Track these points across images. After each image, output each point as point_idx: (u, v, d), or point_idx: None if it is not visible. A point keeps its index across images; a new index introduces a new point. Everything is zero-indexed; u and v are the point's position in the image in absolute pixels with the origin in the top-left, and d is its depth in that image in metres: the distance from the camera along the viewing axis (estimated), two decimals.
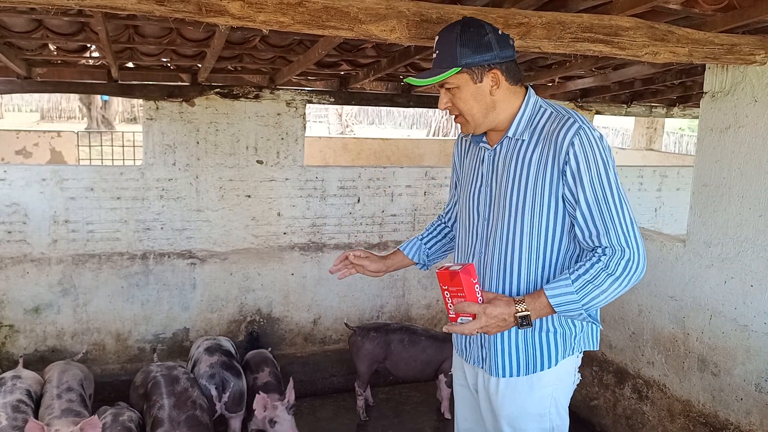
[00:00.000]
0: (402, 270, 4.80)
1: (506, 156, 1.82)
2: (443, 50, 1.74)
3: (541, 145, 1.74)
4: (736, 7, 2.38)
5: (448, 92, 1.78)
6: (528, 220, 1.77)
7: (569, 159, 1.68)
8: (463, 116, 1.81)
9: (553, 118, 1.75)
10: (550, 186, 1.74)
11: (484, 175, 1.90)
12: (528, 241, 1.79)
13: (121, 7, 1.78)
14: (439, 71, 1.72)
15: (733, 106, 2.82)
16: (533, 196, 1.76)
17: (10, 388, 3.11)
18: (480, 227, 1.90)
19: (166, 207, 4.25)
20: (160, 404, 3.09)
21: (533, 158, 1.76)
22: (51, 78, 3.98)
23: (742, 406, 2.81)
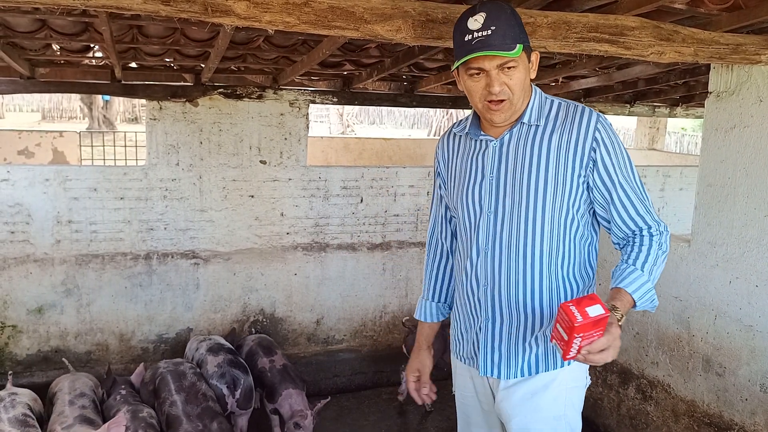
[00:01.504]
0: (405, 270, 4.85)
1: (518, 144, 1.75)
2: (503, 27, 1.59)
3: (560, 130, 1.71)
4: (742, 7, 2.37)
5: (505, 72, 1.63)
6: (549, 206, 1.71)
7: (598, 144, 1.67)
8: (510, 100, 1.67)
9: (565, 107, 1.74)
10: (572, 171, 1.69)
11: (485, 168, 1.79)
12: (549, 229, 1.72)
13: (126, 7, 1.77)
14: (510, 47, 1.59)
15: (738, 106, 2.82)
16: (555, 182, 1.70)
17: (10, 403, 3.03)
18: (483, 221, 1.79)
19: (169, 207, 4.25)
20: (171, 401, 3.10)
21: (552, 143, 1.70)
22: (54, 78, 3.98)
23: (746, 407, 2.80)
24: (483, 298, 1.81)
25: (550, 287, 1.76)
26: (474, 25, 1.60)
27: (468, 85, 1.69)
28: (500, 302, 1.79)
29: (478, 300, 1.83)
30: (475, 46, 1.59)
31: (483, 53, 1.58)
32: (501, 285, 1.78)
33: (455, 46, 1.67)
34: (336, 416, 4.19)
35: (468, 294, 1.86)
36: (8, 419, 2.91)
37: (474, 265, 1.82)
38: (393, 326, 4.88)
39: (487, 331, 1.82)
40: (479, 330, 1.84)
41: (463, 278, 1.88)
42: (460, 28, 1.64)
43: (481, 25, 1.60)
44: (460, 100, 5.03)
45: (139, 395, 3.39)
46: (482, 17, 1.61)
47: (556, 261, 1.74)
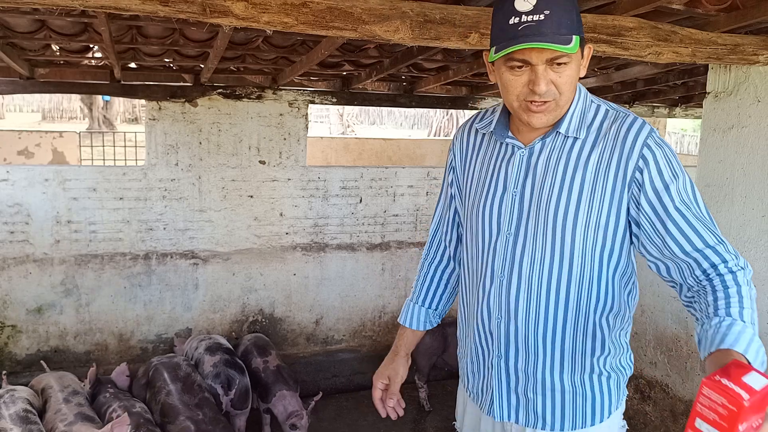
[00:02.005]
0: (404, 270, 4.85)
1: (550, 157, 1.44)
2: (558, 10, 1.28)
3: (602, 145, 1.40)
4: (740, 8, 2.37)
5: (554, 68, 1.33)
6: (581, 238, 1.40)
7: (646, 163, 1.35)
8: (556, 101, 1.37)
9: (612, 116, 1.43)
10: (612, 195, 1.38)
11: (509, 180, 1.49)
12: (580, 263, 1.42)
13: (125, 8, 1.78)
14: (565, 38, 1.28)
15: (736, 107, 2.82)
16: (589, 209, 1.39)
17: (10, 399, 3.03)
18: (501, 243, 1.49)
19: (168, 207, 4.26)
20: (166, 390, 3.09)
21: (591, 160, 1.40)
22: (53, 78, 3.98)
23: None
24: (496, 332, 1.53)
25: (576, 329, 1.46)
26: (523, 6, 1.29)
27: (505, 78, 1.37)
28: (516, 338, 1.50)
29: (489, 332, 1.55)
30: (522, 32, 1.28)
31: (533, 45, 1.27)
32: (518, 320, 1.48)
33: (494, 29, 1.36)
34: (335, 416, 4.19)
35: (478, 323, 1.57)
36: (9, 416, 2.90)
37: (486, 293, 1.53)
38: (392, 326, 4.88)
39: (500, 369, 1.54)
40: (491, 366, 1.57)
41: (473, 303, 1.60)
42: (505, 8, 1.32)
43: (532, 6, 1.28)
44: (459, 101, 5.03)
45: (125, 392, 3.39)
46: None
47: (587, 301, 1.45)
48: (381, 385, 1.75)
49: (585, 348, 1.47)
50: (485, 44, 2.13)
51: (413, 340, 1.82)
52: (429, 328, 1.82)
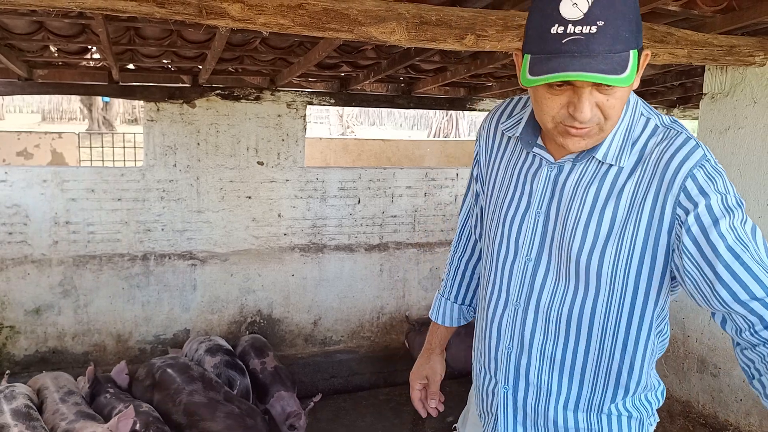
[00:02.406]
0: (402, 271, 4.86)
1: (580, 180, 1.22)
2: (614, 19, 1.00)
3: (639, 171, 1.16)
4: (735, 9, 2.38)
5: (603, 90, 1.07)
6: (607, 275, 1.19)
7: (690, 199, 1.11)
8: (600, 126, 1.12)
9: (660, 135, 1.18)
10: (646, 233, 1.15)
11: (533, 196, 1.29)
12: (605, 303, 1.22)
13: (121, 10, 1.78)
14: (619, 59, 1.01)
15: (732, 108, 2.83)
16: (618, 245, 1.17)
17: (11, 394, 3.04)
18: (518, 267, 1.32)
19: (166, 208, 4.26)
20: (188, 390, 3.10)
21: (626, 190, 1.17)
22: (52, 79, 3.99)
23: (741, 407, 2.81)
24: (504, 361, 1.36)
25: (598, 370, 1.27)
26: (570, 12, 1.01)
27: (540, 95, 1.12)
28: (527, 372, 1.33)
29: (494, 359, 1.39)
30: (567, 48, 1.01)
31: (578, 76, 1.01)
32: (532, 354, 1.31)
33: (530, 31, 1.08)
34: (333, 417, 4.20)
35: (484, 345, 1.42)
36: (10, 410, 2.89)
37: (497, 317, 1.37)
38: (390, 327, 4.89)
39: (506, 400, 1.37)
40: (494, 394, 1.40)
41: (482, 319, 1.44)
42: (547, 10, 1.04)
43: (582, 14, 1.00)
44: (457, 102, 5.04)
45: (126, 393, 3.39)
46: (588, 1, 1.00)
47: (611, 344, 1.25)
48: (419, 386, 1.67)
49: (606, 390, 1.28)
50: (481, 46, 2.14)
51: (447, 335, 1.72)
52: (464, 323, 1.70)
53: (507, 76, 4.17)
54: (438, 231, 4.92)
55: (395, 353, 4.77)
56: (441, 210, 4.90)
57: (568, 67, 1.01)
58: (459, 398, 1.84)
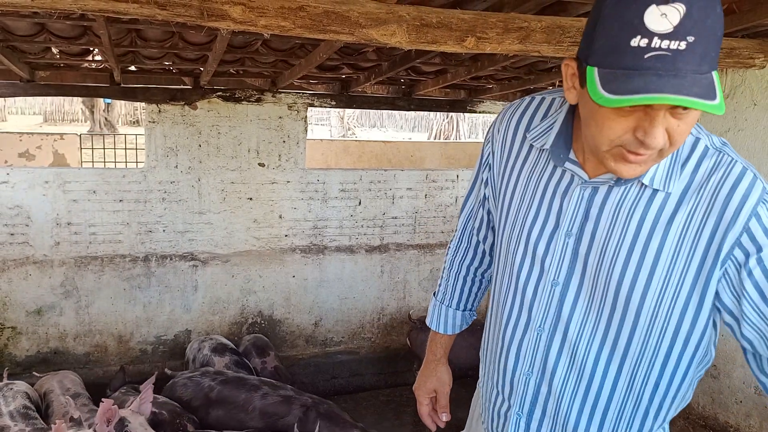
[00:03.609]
0: (403, 272, 4.86)
1: (621, 204, 1.11)
2: (705, 37, 0.88)
3: (693, 201, 1.05)
4: (735, 11, 2.39)
5: (678, 114, 0.94)
6: (647, 313, 1.09)
7: (753, 240, 1.01)
8: (663, 152, 0.99)
9: (713, 159, 1.07)
10: (698, 270, 1.05)
11: (563, 215, 1.17)
12: (642, 341, 1.11)
13: (123, 11, 1.79)
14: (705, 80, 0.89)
15: (732, 110, 2.84)
16: (665, 280, 1.07)
17: (11, 395, 3.06)
18: (543, 290, 1.21)
19: (168, 209, 4.27)
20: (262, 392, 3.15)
21: (676, 220, 1.06)
22: (54, 81, 4.00)
23: (741, 409, 2.82)
24: (521, 387, 1.27)
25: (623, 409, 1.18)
26: (659, 24, 0.87)
27: (602, 115, 0.98)
28: (546, 402, 1.23)
29: (510, 382, 1.30)
30: (650, 65, 0.88)
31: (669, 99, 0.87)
32: (553, 384, 1.21)
33: (602, 39, 0.93)
34: None
35: (499, 365, 1.33)
36: (9, 412, 2.91)
37: (516, 340, 1.27)
38: (391, 328, 4.90)
39: (518, 427, 1.29)
40: (506, 418, 1.31)
41: (496, 340, 1.34)
42: (626, 17, 0.89)
43: (672, 26, 0.86)
44: (458, 104, 5.05)
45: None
46: (679, 11, 0.86)
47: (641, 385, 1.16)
48: (427, 400, 1.58)
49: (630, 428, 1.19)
50: (481, 48, 2.14)
51: (450, 342, 1.62)
52: (465, 328, 1.60)
53: (507, 78, 4.18)
54: (438, 232, 4.92)
55: (396, 354, 4.77)
56: (442, 211, 4.91)
57: (660, 88, 0.87)
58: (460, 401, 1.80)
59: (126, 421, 2.57)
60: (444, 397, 1.56)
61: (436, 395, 1.58)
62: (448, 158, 8.89)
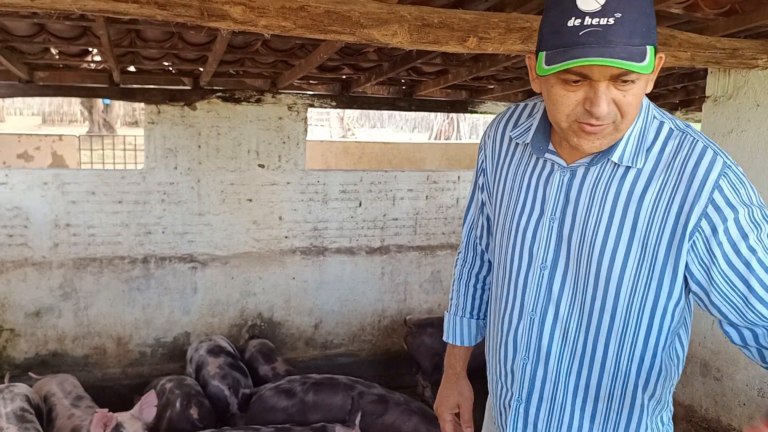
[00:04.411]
0: (403, 274, 4.85)
1: (597, 185, 1.19)
2: (632, 12, 1.01)
3: (662, 177, 1.14)
4: (738, 12, 2.37)
5: (619, 86, 1.06)
6: (627, 285, 1.17)
7: (718, 211, 1.09)
8: (616, 125, 1.10)
9: (677, 140, 1.16)
10: (669, 242, 1.13)
11: (546, 202, 1.25)
12: (623, 317, 1.19)
13: (123, 12, 1.78)
14: (638, 51, 1.01)
15: (735, 111, 2.82)
16: (641, 252, 1.15)
17: (9, 396, 3.05)
18: (533, 277, 1.28)
19: (167, 211, 4.25)
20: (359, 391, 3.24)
21: (647, 196, 1.14)
22: (53, 82, 3.98)
23: (744, 411, 2.80)
24: (519, 373, 1.32)
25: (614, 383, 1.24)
26: (588, 4, 1.01)
27: (555, 93, 1.10)
28: (543, 384, 1.29)
29: (510, 371, 1.34)
30: (585, 40, 1.01)
31: (597, 61, 1.01)
32: (549, 365, 1.27)
33: (545, 29, 1.08)
34: None
35: (499, 357, 1.38)
36: (6, 414, 2.91)
37: (513, 328, 1.32)
38: (392, 330, 4.88)
39: (517, 414, 1.34)
40: (508, 406, 1.36)
41: (496, 334, 1.39)
42: (563, 4, 1.04)
43: (600, 6, 1.00)
44: (459, 105, 5.03)
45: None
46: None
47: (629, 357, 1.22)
48: (450, 417, 1.54)
49: (621, 406, 1.24)
50: (483, 48, 2.13)
51: (467, 355, 1.59)
52: (481, 339, 1.58)
53: (509, 79, 4.16)
54: (440, 234, 4.91)
55: (396, 357, 4.75)
56: (443, 213, 4.89)
57: (587, 54, 1.00)
58: None
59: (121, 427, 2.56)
60: (467, 412, 1.54)
61: (459, 410, 1.55)
62: (448, 159, 8.88)
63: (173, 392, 3.24)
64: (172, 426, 3.09)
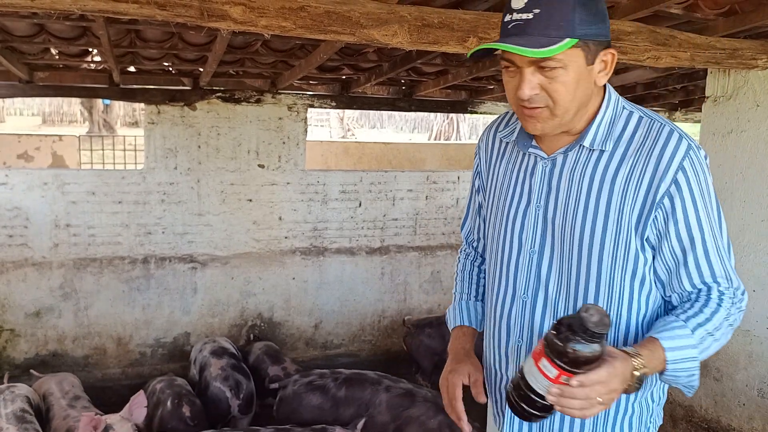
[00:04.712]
0: (403, 274, 4.85)
1: (574, 170, 1.31)
2: (549, 9, 1.17)
3: (632, 160, 1.26)
4: (738, 12, 2.38)
5: (544, 73, 1.20)
6: (608, 259, 1.27)
7: (678, 191, 1.22)
8: (551, 109, 1.23)
9: (647, 127, 1.28)
10: (639, 216, 1.25)
11: (533, 192, 1.37)
12: (608, 290, 1.28)
13: (123, 12, 1.78)
14: (549, 40, 1.16)
15: (735, 111, 2.82)
16: (617, 228, 1.26)
17: (10, 397, 3.06)
18: (523, 261, 1.37)
19: (167, 211, 4.25)
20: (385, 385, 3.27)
21: (619, 176, 1.26)
22: (53, 82, 3.98)
23: (744, 412, 2.80)
24: (513, 354, 1.40)
25: None
26: (517, 3, 1.20)
27: (504, 80, 1.30)
28: None
29: (504, 355, 1.41)
30: (509, 32, 1.20)
31: (497, 45, 1.18)
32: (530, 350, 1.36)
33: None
34: None
35: (495, 342, 1.45)
36: (6, 415, 2.92)
37: (506, 313, 1.40)
38: (392, 330, 4.87)
39: None
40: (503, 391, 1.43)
41: (490, 321, 1.47)
42: (506, 5, 1.25)
43: (523, 4, 1.19)
44: (458, 105, 5.03)
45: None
46: None
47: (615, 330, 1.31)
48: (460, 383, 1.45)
49: None
50: None
51: (474, 336, 1.57)
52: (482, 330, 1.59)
53: None
54: (439, 234, 4.91)
55: (397, 357, 4.75)
56: (442, 213, 4.90)
57: (505, 42, 1.18)
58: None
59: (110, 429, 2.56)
60: (479, 384, 1.45)
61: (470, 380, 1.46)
62: (448, 159, 8.88)
63: (164, 392, 3.25)
64: (164, 425, 3.10)
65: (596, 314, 1.06)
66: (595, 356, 1.07)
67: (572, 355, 1.06)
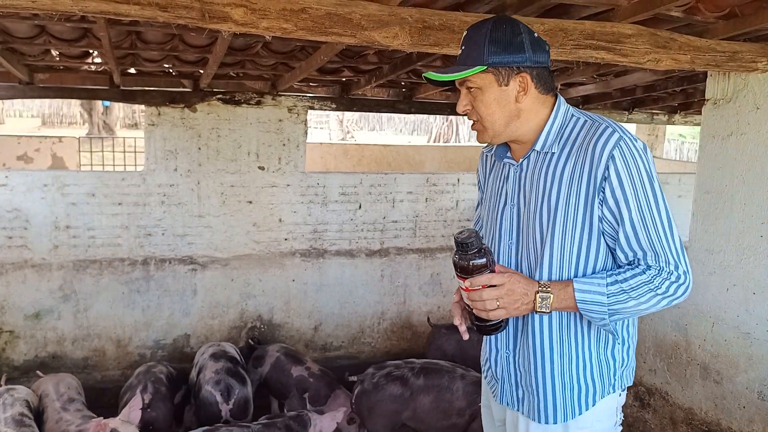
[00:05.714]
0: (403, 276, 4.84)
1: (533, 172, 1.59)
2: (470, 46, 1.53)
3: (574, 157, 1.52)
4: (738, 15, 2.38)
5: (470, 93, 1.56)
6: (558, 242, 1.54)
7: (609, 175, 1.46)
8: (481, 122, 1.57)
9: (588, 128, 1.53)
10: (585, 203, 1.51)
11: (509, 194, 1.66)
12: (558, 267, 1.55)
13: (124, 13, 1.78)
14: (462, 68, 1.52)
15: (735, 114, 2.82)
16: (564, 216, 1.53)
17: (9, 401, 3.05)
18: (504, 251, 1.66)
19: (167, 213, 4.25)
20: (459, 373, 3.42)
21: (565, 172, 1.53)
22: (53, 84, 3.99)
23: (744, 414, 2.80)
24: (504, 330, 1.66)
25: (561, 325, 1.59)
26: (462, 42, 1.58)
27: None
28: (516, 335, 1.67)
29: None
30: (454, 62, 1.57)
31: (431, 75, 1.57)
32: (517, 321, 1.65)
33: None
34: None
35: None
36: (5, 419, 2.92)
37: None
38: (391, 333, 4.87)
39: (508, 364, 1.69)
40: (500, 358, 1.73)
41: None
42: None
43: (462, 41, 1.57)
44: None
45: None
46: (465, 34, 1.57)
47: None
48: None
49: (570, 341, 1.60)
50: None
51: None
52: None
53: None
54: (439, 236, 4.91)
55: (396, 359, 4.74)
56: (442, 215, 4.90)
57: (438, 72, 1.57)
58: None
59: None
60: None
61: None
62: (448, 161, 8.88)
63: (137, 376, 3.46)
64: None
65: (465, 233, 1.43)
66: (476, 265, 1.43)
67: (457, 263, 1.45)
